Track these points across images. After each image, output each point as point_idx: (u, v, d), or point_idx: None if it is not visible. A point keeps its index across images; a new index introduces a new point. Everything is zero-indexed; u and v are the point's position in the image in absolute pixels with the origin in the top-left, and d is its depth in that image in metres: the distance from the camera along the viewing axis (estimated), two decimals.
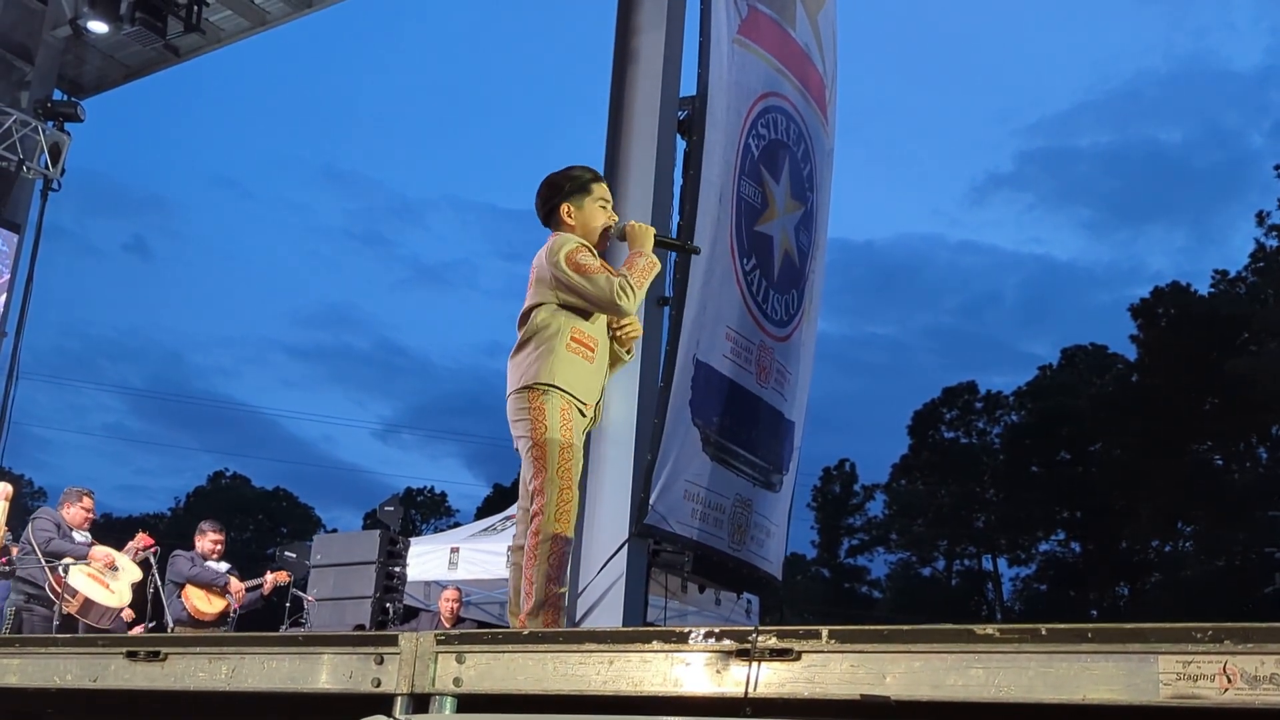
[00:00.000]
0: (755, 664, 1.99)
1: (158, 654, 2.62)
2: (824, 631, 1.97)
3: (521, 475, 3.47)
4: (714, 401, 7.00)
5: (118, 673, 2.67)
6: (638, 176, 7.09)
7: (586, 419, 3.46)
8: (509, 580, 3.57)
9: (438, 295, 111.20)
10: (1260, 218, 30.85)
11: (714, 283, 6.95)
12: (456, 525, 27.05)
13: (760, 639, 2.00)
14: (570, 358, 3.39)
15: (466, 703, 2.29)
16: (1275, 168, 29.91)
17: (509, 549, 3.68)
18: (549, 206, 3.59)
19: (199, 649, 2.61)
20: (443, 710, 2.29)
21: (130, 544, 7.30)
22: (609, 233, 3.58)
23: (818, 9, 8.54)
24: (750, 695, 1.98)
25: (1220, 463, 32.60)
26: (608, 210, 3.59)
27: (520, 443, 3.40)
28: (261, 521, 49.20)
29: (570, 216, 3.55)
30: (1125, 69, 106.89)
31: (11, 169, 9.57)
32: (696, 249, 5.82)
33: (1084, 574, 35.79)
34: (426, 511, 51.77)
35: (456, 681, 2.27)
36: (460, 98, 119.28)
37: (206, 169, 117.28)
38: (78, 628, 6.81)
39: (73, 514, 7.15)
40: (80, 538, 7.08)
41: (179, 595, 7.67)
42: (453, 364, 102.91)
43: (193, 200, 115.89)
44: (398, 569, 9.42)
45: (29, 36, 10.15)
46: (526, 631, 2.56)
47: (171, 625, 7.38)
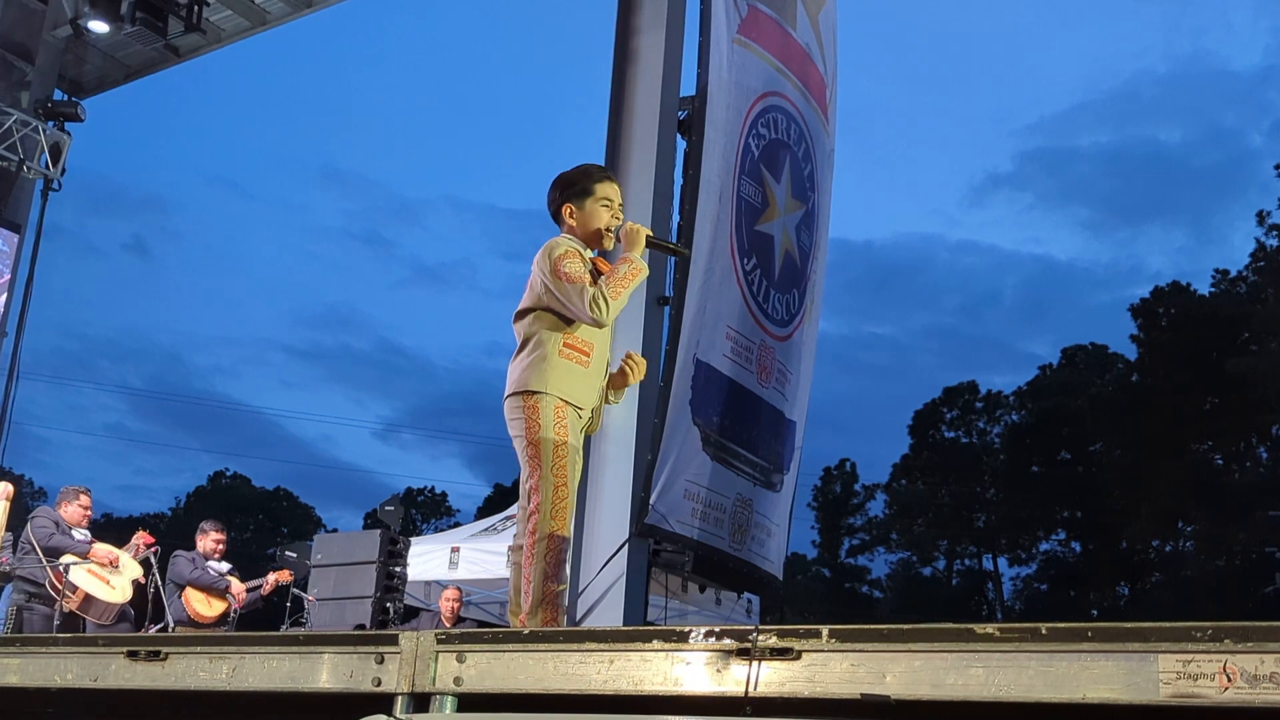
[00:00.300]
0: (755, 663, 1.99)
1: (158, 654, 2.63)
2: (824, 631, 1.97)
3: (520, 476, 3.48)
4: (714, 401, 6.99)
5: (118, 672, 2.67)
6: (638, 176, 7.09)
7: (584, 419, 3.47)
8: (509, 580, 3.58)
9: (437, 295, 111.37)
10: (1260, 217, 30.87)
11: (714, 282, 6.94)
12: (457, 525, 27.03)
13: (760, 638, 2.00)
14: (563, 364, 3.40)
15: (467, 702, 2.29)
16: (1275, 167, 30.01)
17: (509, 549, 3.69)
18: (554, 206, 3.61)
19: (200, 649, 2.61)
20: (443, 709, 2.29)
21: (131, 541, 7.31)
22: (610, 233, 3.58)
23: (818, 9, 8.54)
24: (750, 694, 1.98)
25: (1220, 463, 32.58)
26: (612, 210, 3.57)
27: (516, 443, 3.42)
28: (262, 521, 49.24)
29: (571, 216, 3.56)
30: (1124, 69, 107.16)
31: (12, 169, 9.57)
32: (686, 252, 5.79)
33: (1084, 574, 35.78)
34: (427, 511, 51.82)
35: (457, 681, 2.28)
36: (460, 98, 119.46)
37: (206, 169, 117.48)
38: (80, 625, 6.82)
39: (70, 512, 7.16)
40: (80, 535, 7.09)
41: (179, 597, 7.67)
42: (452, 364, 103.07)
43: (192, 200, 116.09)
44: (398, 569, 9.44)
45: (29, 36, 10.14)
46: (527, 631, 2.56)
47: (172, 626, 7.39)
